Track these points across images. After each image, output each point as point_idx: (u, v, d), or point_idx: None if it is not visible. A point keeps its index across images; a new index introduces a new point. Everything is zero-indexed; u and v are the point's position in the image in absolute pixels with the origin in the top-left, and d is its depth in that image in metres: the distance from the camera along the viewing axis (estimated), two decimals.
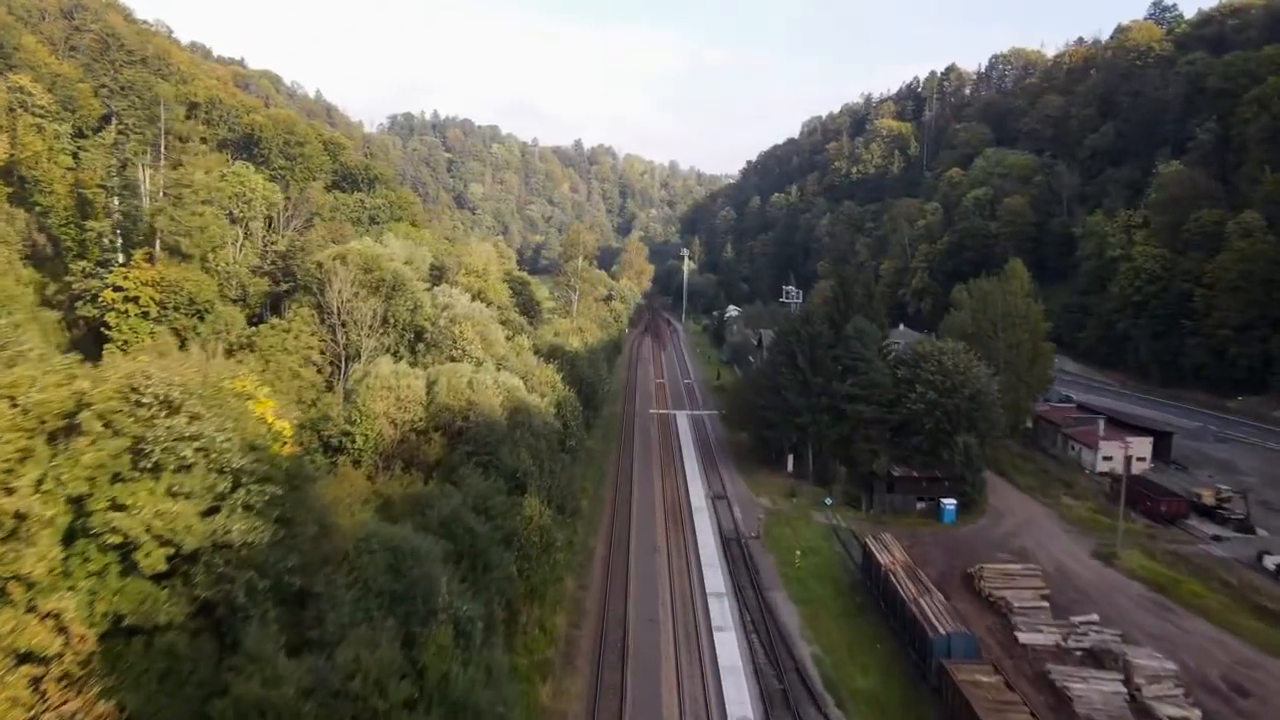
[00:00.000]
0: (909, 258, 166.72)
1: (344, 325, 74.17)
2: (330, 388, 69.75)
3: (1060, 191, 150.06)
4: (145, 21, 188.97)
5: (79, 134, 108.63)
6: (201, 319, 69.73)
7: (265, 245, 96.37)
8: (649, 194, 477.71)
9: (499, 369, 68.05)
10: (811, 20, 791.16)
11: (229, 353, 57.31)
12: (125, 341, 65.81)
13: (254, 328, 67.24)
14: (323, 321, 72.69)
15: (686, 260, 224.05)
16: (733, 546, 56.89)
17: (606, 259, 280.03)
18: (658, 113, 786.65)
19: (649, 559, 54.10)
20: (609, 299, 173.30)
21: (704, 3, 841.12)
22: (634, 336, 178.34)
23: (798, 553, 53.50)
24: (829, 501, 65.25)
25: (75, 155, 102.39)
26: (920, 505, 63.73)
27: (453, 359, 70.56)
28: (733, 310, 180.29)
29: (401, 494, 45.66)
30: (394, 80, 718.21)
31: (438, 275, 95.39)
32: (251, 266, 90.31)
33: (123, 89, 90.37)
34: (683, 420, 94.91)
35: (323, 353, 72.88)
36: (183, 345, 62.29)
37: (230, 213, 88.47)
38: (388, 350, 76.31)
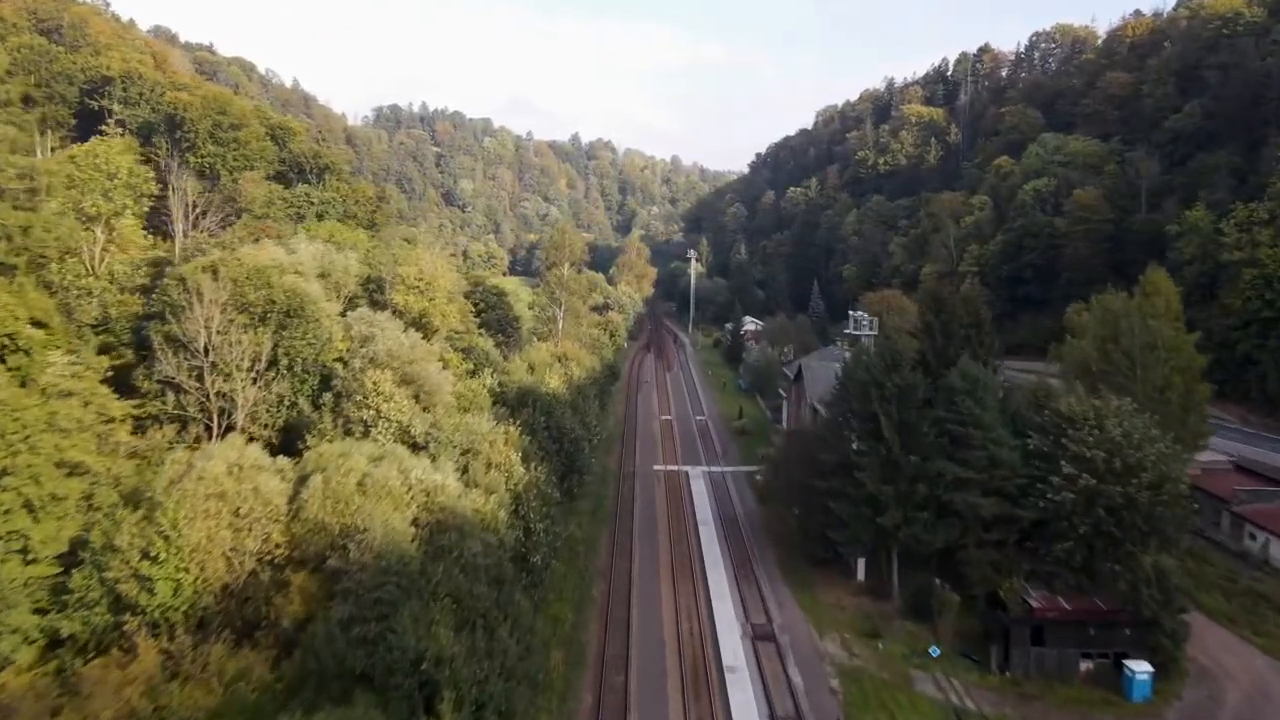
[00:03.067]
0: (955, 261, 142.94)
1: (214, 368, 51.31)
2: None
3: (1139, 182, 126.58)
4: None
5: None
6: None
7: (165, 249, 73.61)
8: (650, 190, 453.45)
9: (423, 446, 44.95)
10: (810, 18, 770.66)
11: None
12: None
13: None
14: (179, 365, 49.82)
15: (694, 263, 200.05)
16: None
17: (604, 259, 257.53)
18: (657, 110, 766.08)
19: None
20: (605, 308, 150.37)
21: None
22: (634, 352, 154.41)
23: None
24: (935, 652, 42.10)
25: None
26: (1085, 665, 40.52)
27: (365, 424, 47.54)
28: (749, 323, 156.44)
29: None
30: (390, 77, 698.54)
31: (376, 291, 72.28)
32: (123, 281, 67.57)
33: None
34: (698, 483, 71.39)
35: (179, 411, 50.02)
36: None
37: (82, 208, 65.82)
38: (282, 402, 53.40)
